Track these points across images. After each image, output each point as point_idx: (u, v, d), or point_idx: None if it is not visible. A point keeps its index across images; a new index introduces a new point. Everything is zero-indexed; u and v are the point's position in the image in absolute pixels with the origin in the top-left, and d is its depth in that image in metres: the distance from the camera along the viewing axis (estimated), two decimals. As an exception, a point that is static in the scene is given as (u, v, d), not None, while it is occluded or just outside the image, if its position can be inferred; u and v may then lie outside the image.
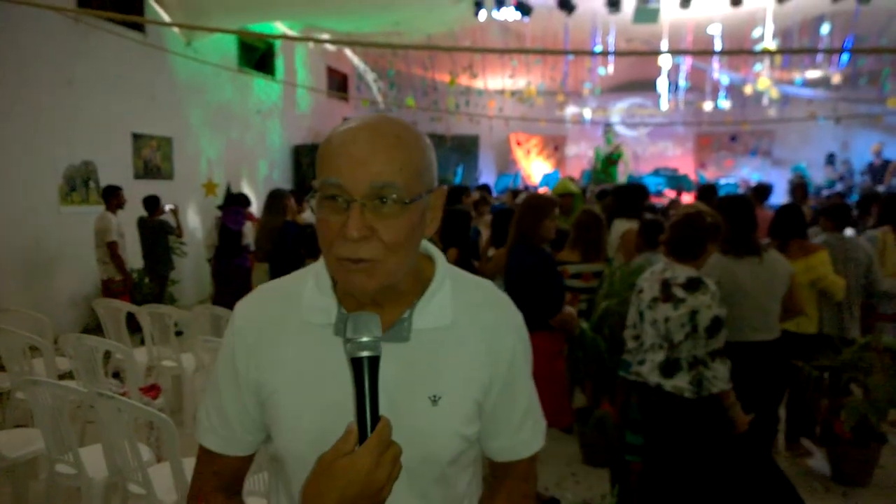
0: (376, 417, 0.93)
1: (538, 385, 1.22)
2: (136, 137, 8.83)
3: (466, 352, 1.12)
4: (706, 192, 7.53)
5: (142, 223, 7.36)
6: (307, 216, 6.63)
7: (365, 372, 0.94)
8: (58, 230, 7.41)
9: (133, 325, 5.17)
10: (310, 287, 1.14)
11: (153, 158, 9.20)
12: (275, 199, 6.42)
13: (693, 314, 2.89)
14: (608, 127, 15.99)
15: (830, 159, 16.45)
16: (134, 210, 7.26)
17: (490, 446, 1.21)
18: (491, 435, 1.19)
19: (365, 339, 0.94)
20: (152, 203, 7.35)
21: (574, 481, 4.12)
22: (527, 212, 3.72)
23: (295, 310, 1.13)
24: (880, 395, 3.98)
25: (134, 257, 7.32)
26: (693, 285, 2.93)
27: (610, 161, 15.53)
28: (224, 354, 1.16)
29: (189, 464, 2.21)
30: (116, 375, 4.90)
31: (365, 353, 0.94)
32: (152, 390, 4.17)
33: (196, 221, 10.14)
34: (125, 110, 8.53)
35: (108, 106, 8.19)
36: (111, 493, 3.14)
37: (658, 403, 3.01)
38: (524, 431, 1.21)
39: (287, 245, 5.65)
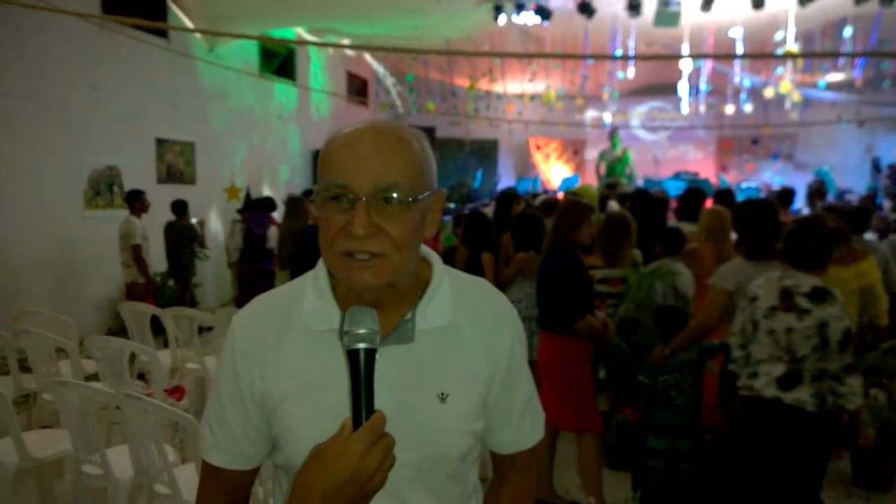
0: (371, 410, 0.93)
1: (565, 389, 1.23)
2: (160, 142, 8.94)
3: (468, 349, 1.14)
4: (722, 197, 7.40)
5: (169, 227, 7.44)
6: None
7: (361, 363, 0.94)
8: (82, 234, 7.51)
9: (157, 328, 5.23)
10: (309, 293, 1.14)
11: (176, 163, 9.31)
12: (294, 204, 6.50)
13: (821, 327, 2.73)
14: (614, 131, 15.87)
15: (875, 163, 16.09)
16: (157, 214, 7.35)
17: (494, 440, 1.23)
18: (494, 429, 1.21)
19: (362, 331, 0.95)
20: (180, 207, 7.43)
21: (595, 486, 4.10)
22: (562, 218, 3.66)
23: (295, 317, 1.13)
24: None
25: (158, 261, 7.40)
26: (820, 296, 2.78)
27: (613, 167, 15.37)
28: (225, 368, 1.15)
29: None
30: (141, 377, 4.94)
31: (361, 345, 0.94)
32: (177, 392, 4.20)
33: (218, 226, 10.23)
34: (149, 115, 8.65)
35: (132, 111, 8.30)
36: (137, 494, 3.17)
37: (773, 417, 2.83)
38: (525, 424, 1.23)
39: (309, 248, 5.70)
